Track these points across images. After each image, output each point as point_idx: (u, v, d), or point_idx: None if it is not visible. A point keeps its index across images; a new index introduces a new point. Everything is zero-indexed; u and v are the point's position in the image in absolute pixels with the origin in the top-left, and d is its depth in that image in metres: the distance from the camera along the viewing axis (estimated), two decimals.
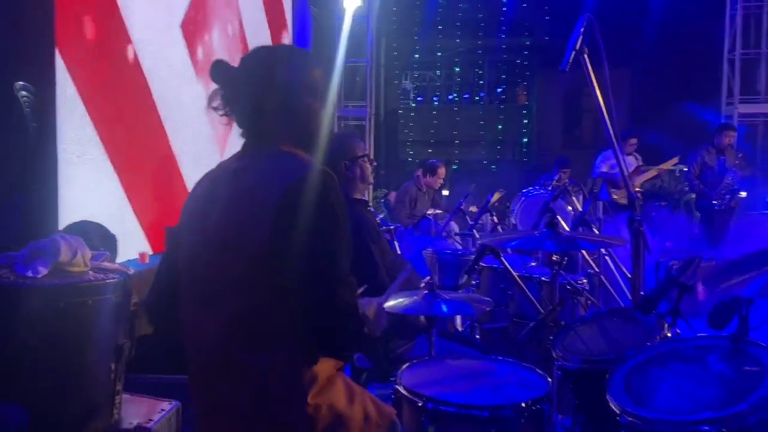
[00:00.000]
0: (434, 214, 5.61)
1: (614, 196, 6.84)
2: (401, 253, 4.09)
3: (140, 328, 2.23)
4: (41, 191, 2.88)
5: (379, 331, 1.59)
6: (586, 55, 2.19)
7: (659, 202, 8.11)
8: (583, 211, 3.48)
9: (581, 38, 2.14)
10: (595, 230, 3.17)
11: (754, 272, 1.39)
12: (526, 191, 5.14)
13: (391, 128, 12.80)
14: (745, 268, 1.42)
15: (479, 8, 13.56)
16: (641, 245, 2.28)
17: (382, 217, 5.64)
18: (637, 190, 2.46)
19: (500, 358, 2.12)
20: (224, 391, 1.40)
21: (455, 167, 12.87)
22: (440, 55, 13.97)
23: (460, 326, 3.58)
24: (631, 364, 1.70)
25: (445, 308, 2.20)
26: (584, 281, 3.13)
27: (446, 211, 5.96)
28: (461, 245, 4.93)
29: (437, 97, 14.59)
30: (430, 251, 4.13)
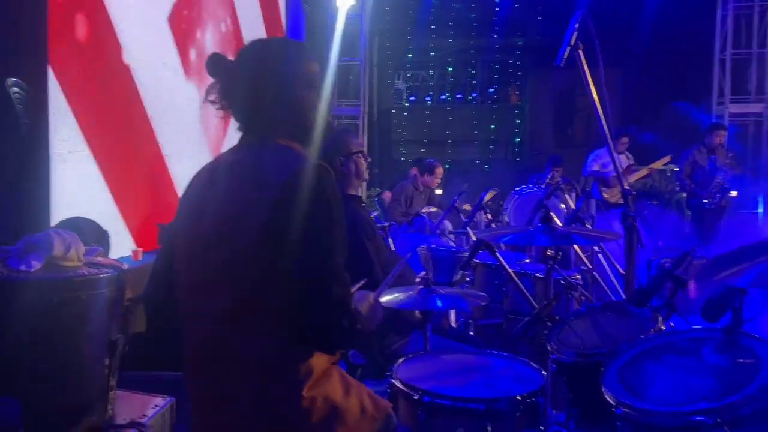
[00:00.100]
0: (428, 212, 5.62)
1: (605, 195, 6.88)
2: (396, 250, 4.09)
3: (134, 324, 2.23)
4: (33, 187, 2.87)
5: (373, 325, 1.59)
6: (580, 50, 2.19)
7: (651, 201, 8.15)
8: (576, 208, 3.49)
9: (576, 34, 2.15)
10: (588, 227, 3.18)
11: (747, 263, 1.40)
12: (519, 189, 5.16)
13: (384, 128, 12.81)
14: (739, 259, 1.43)
15: (472, 8, 13.60)
16: (635, 240, 2.30)
17: (375, 215, 5.64)
18: (627, 188, 2.47)
19: (495, 352, 2.13)
20: (219, 381, 1.40)
21: (448, 167, 12.89)
22: (433, 54, 14.00)
23: (454, 323, 3.59)
24: (625, 357, 1.71)
25: (439, 303, 2.20)
26: (578, 277, 3.14)
27: (442, 209, 5.97)
28: (455, 243, 4.94)
29: (430, 96, 14.62)
30: (424, 248, 4.13)
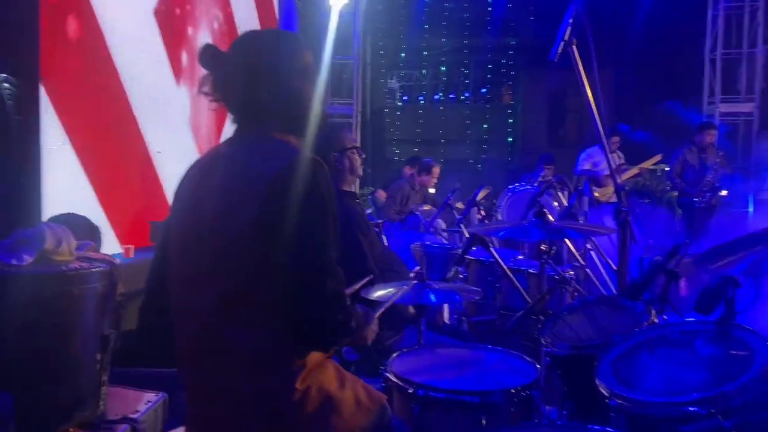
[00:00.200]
0: (422, 210, 5.62)
1: (596, 193, 6.91)
2: (389, 247, 4.09)
3: (126, 320, 2.21)
4: (25, 183, 2.85)
5: (370, 340, 1.60)
6: (574, 46, 2.20)
7: (642, 199, 8.20)
8: (569, 205, 3.51)
9: (570, 29, 2.16)
10: (581, 222, 3.20)
11: (741, 253, 1.41)
12: (512, 187, 5.17)
13: (377, 127, 12.81)
14: (733, 250, 1.44)
15: (465, 8, 13.64)
16: (628, 235, 2.31)
17: (369, 212, 5.64)
18: (619, 184, 2.49)
19: (489, 346, 2.13)
20: (212, 373, 1.39)
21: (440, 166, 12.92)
22: (426, 54, 14.02)
23: (447, 319, 3.59)
24: (619, 349, 1.71)
25: (433, 297, 2.20)
26: (571, 273, 3.16)
27: (435, 207, 5.97)
28: (448, 241, 4.95)
29: (423, 96, 14.64)
30: (417, 245, 4.14)
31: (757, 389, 1.42)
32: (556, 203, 4.51)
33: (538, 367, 1.91)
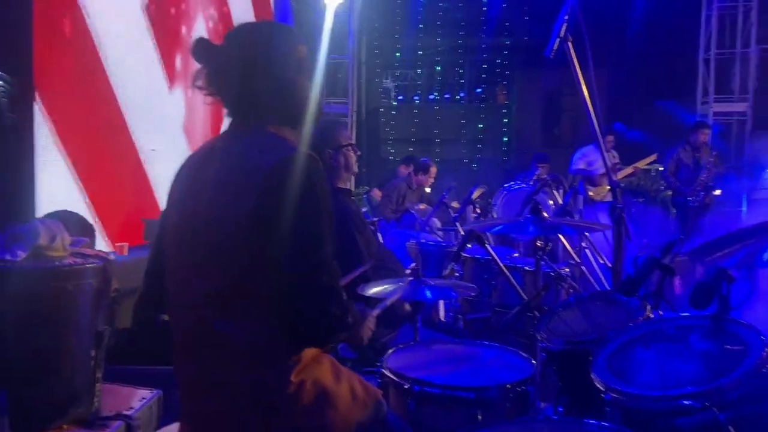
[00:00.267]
0: (417, 209, 5.62)
1: (590, 192, 6.93)
2: (384, 245, 4.09)
3: (120, 317, 2.20)
4: (18, 179, 2.84)
5: (366, 338, 1.59)
6: (570, 42, 2.20)
7: (636, 198, 8.23)
8: (564, 202, 3.51)
9: (565, 25, 2.16)
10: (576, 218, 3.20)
11: (734, 246, 1.42)
12: (507, 186, 5.18)
13: (372, 127, 12.80)
14: (726, 243, 1.45)
15: (460, 8, 13.65)
16: (623, 232, 2.32)
17: (364, 210, 5.64)
18: (614, 181, 2.49)
19: (485, 342, 2.13)
20: (207, 366, 1.39)
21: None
22: (421, 54, 14.02)
23: (443, 316, 3.59)
24: (614, 344, 1.71)
25: (429, 294, 2.20)
26: (566, 270, 3.16)
27: (431, 206, 5.98)
28: (443, 240, 4.95)
29: (418, 96, 14.65)
30: (413, 243, 4.13)
31: (751, 383, 1.42)
32: (551, 201, 4.52)
33: (533, 362, 1.92)
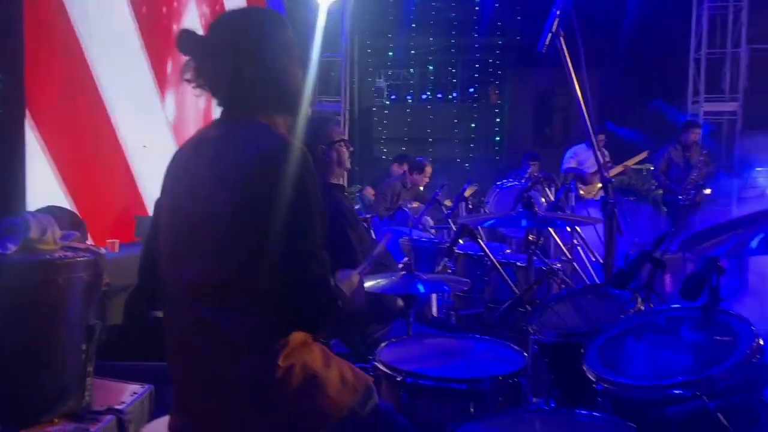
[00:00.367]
0: (410, 207, 5.63)
1: (581, 191, 6.95)
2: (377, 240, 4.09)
3: (111, 312, 2.19)
4: (9, 174, 2.82)
5: (356, 304, 1.59)
6: (561, 37, 2.22)
7: (627, 197, 8.28)
8: (556, 198, 3.53)
9: (557, 20, 2.17)
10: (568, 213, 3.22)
11: (724, 236, 1.43)
12: (500, 183, 5.19)
13: (365, 126, 12.82)
14: (716, 233, 1.46)
15: (453, 8, 13.67)
16: (614, 226, 2.33)
17: (357, 208, 5.63)
18: (606, 177, 2.51)
19: (477, 336, 2.14)
20: (192, 351, 1.40)
21: None
22: (414, 53, 14.03)
23: (435, 312, 3.60)
24: (606, 336, 1.73)
25: (421, 288, 2.21)
26: (558, 266, 3.18)
27: (424, 204, 5.98)
28: (436, 238, 4.95)
29: (411, 95, 14.66)
30: (406, 239, 4.13)
31: (741, 374, 1.44)
32: (543, 199, 4.53)
33: (525, 355, 1.92)
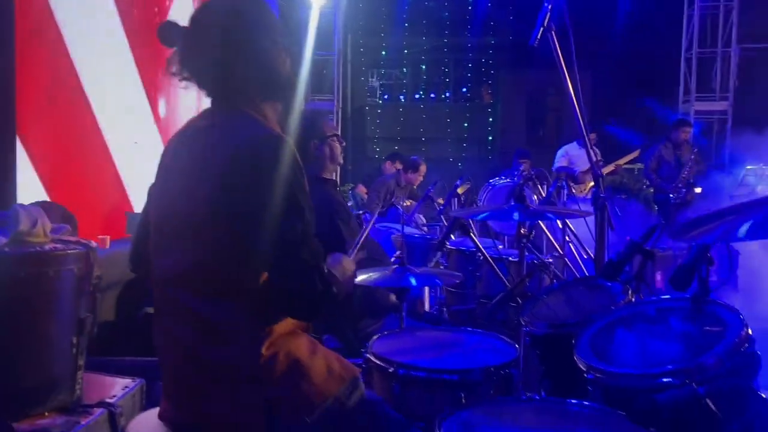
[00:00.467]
0: (403, 205, 5.63)
1: (572, 190, 6.98)
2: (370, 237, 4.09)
3: (103, 311, 2.18)
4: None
5: (349, 289, 1.60)
6: (553, 32, 2.23)
7: (619, 195, 8.32)
8: (548, 194, 3.54)
9: (549, 15, 2.18)
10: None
11: (713, 224, 1.45)
12: (492, 181, 5.20)
13: (358, 125, 12.82)
14: (705, 221, 1.48)
15: (446, 7, 13.72)
16: (605, 219, 2.35)
17: (350, 205, 5.63)
18: (598, 171, 2.53)
19: (469, 329, 2.14)
20: (177, 338, 1.41)
21: None
22: (407, 53, 14.06)
23: (428, 307, 3.60)
24: (596, 326, 1.73)
25: (414, 281, 2.21)
26: (550, 261, 3.19)
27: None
28: (429, 234, 4.95)
29: (403, 95, 14.69)
30: (398, 235, 4.13)
31: (730, 361, 1.45)
32: (535, 196, 4.55)
33: (517, 347, 1.93)
